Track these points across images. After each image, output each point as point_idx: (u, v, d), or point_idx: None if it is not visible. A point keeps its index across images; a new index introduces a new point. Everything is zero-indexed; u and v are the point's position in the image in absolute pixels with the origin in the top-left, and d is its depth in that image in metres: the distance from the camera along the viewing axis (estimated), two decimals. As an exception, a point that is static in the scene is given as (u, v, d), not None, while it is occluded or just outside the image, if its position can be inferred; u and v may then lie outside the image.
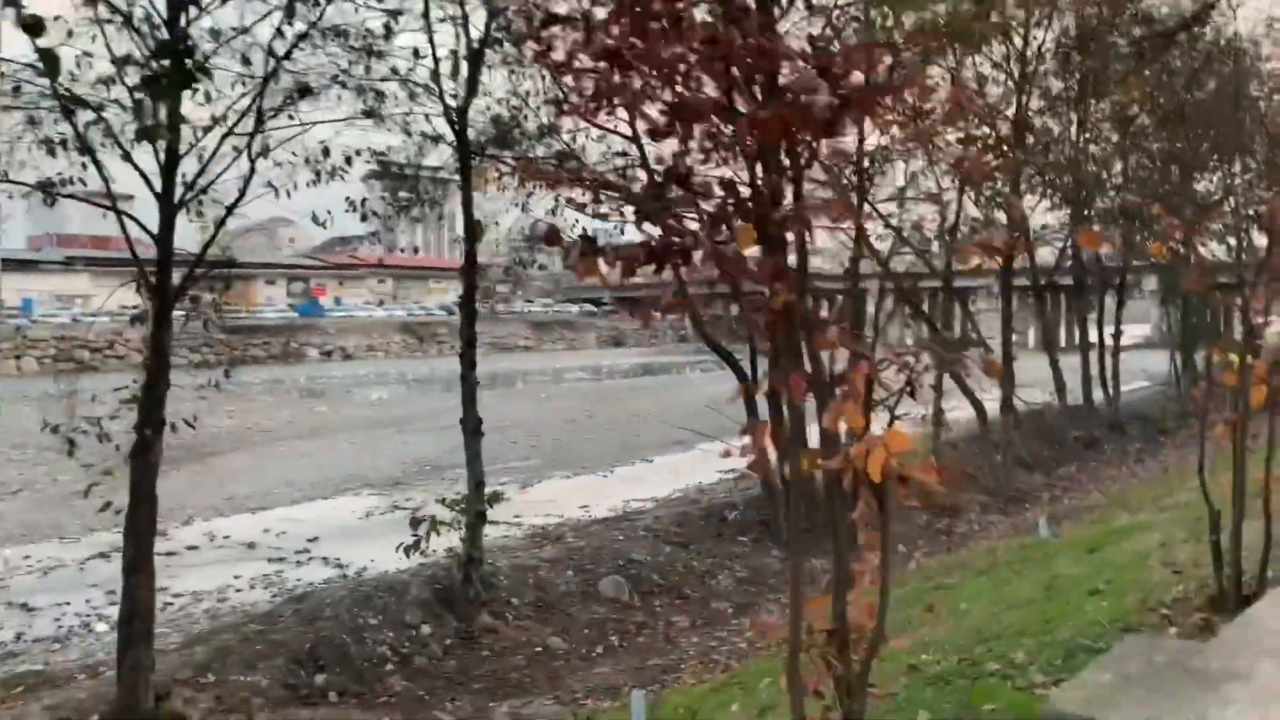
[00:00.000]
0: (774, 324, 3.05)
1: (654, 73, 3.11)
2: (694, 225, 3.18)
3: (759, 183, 2.96)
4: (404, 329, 76.51)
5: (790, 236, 2.91)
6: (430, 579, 11.53)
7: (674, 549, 13.91)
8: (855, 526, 3.21)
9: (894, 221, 20.46)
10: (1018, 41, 19.70)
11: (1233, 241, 24.15)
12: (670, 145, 3.19)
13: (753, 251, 3.26)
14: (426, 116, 11.40)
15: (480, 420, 11.71)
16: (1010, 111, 19.86)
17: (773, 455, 3.16)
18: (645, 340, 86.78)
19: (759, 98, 3.06)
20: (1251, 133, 21.50)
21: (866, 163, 16.67)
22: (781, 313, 2.92)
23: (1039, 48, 19.96)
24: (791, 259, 3.31)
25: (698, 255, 3.15)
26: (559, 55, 3.40)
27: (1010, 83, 19.86)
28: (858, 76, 2.80)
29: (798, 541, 3.63)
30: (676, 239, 3.07)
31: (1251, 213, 23.63)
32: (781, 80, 3.00)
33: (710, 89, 3.15)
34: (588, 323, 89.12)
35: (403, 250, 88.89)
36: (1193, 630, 5.81)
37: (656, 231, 3.20)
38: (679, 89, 3.08)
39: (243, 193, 8.62)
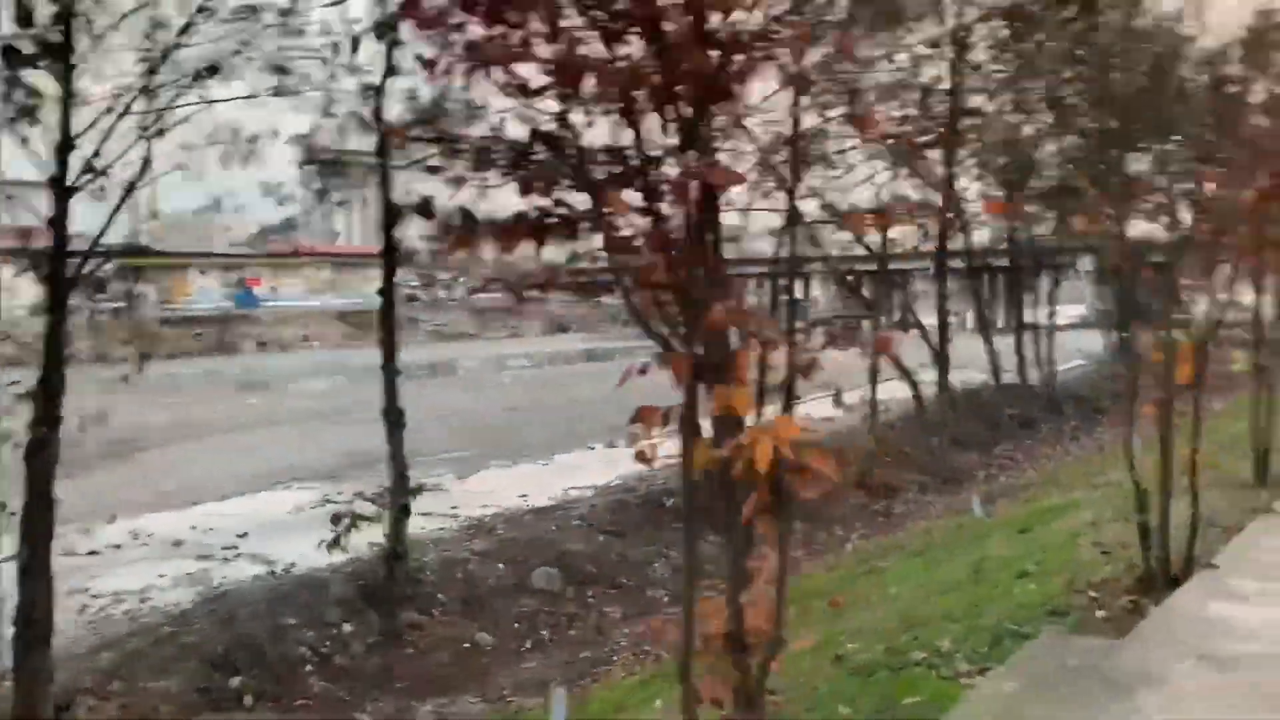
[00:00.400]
0: (658, 300, 2.80)
1: (530, 27, 2.83)
2: (580, 195, 2.92)
3: (643, 146, 2.69)
4: (342, 319, 75.16)
5: (688, 205, 2.64)
6: (354, 575, 11.17)
7: (609, 538, 13.67)
8: (751, 522, 2.96)
9: (831, 201, 20.33)
10: (950, 21, 19.65)
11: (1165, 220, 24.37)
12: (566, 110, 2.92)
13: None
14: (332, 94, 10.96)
15: (402, 411, 11.35)
16: (945, 90, 19.82)
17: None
18: (591, 326, 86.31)
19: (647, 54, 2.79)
20: (1181, 113, 21.67)
21: (800, 140, 16.46)
22: (669, 287, 2.66)
23: (972, 26, 19.95)
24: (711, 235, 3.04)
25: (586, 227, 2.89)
26: (429, 11, 3.10)
27: (945, 62, 19.82)
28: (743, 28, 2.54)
29: (692, 540, 3.36)
30: (561, 210, 2.80)
31: (1181, 190, 23.89)
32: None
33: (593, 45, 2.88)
34: (535, 310, 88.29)
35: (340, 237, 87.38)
36: (1120, 613, 5.70)
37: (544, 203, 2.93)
38: (557, 44, 2.81)
39: (140, 176, 8.15)
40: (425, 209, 3.32)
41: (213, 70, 9.55)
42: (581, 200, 2.70)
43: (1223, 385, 20.15)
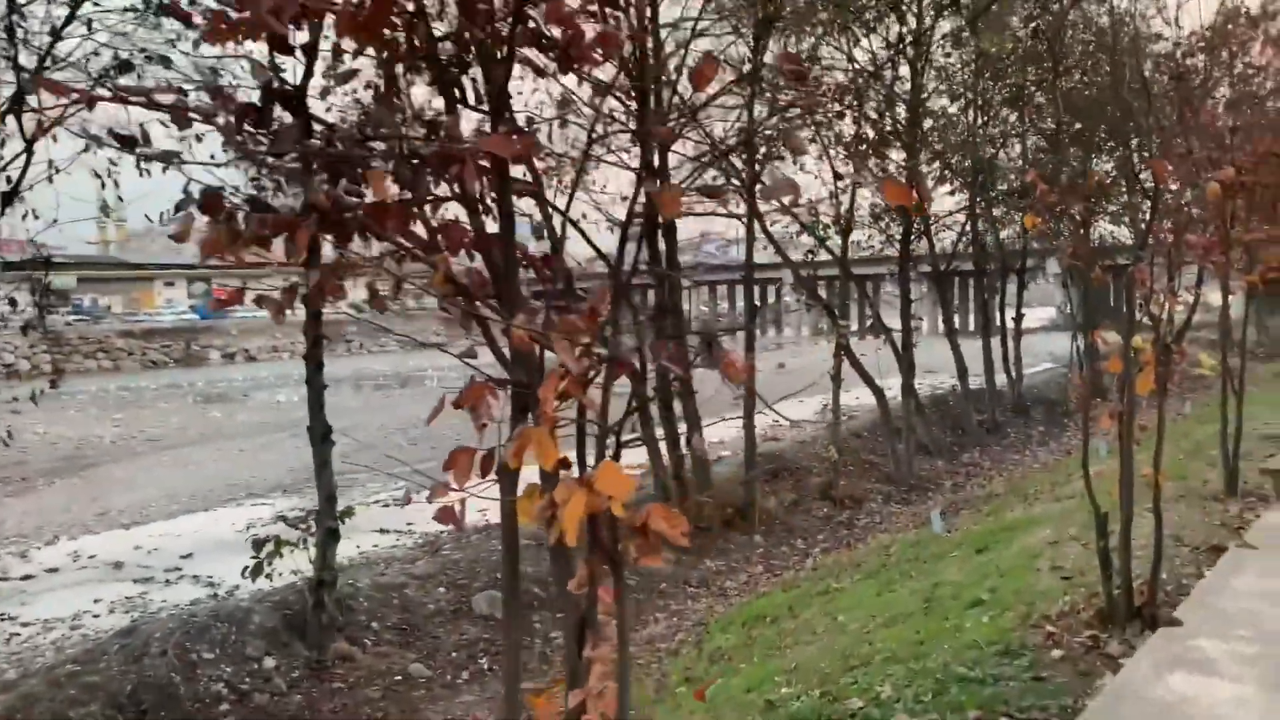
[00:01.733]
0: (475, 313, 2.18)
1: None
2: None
3: (406, 110, 2.07)
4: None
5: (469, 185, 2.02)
6: (280, 604, 10.46)
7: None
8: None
9: (793, 208, 19.83)
10: (911, 21, 19.17)
11: (1129, 220, 24.06)
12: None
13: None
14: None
15: (329, 427, 10.65)
16: (906, 93, 19.33)
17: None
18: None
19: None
20: (1141, 108, 21.38)
21: (753, 135, 15.95)
22: (460, 295, 2.04)
23: (932, 25, 19.47)
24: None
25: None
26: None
27: (905, 63, 19.33)
28: None
29: (512, 623, 2.73)
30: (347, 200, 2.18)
31: (1142, 188, 23.56)
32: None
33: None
34: (537, 309, 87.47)
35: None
36: (1078, 651, 5.09)
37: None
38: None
39: (20, 177, 7.46)
40: (214, 202, 2.67)
41: (125, 67, 8.93)
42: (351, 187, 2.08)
43: (1190, 387, 19.83)
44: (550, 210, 4.28)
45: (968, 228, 23.94)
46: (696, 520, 14.61)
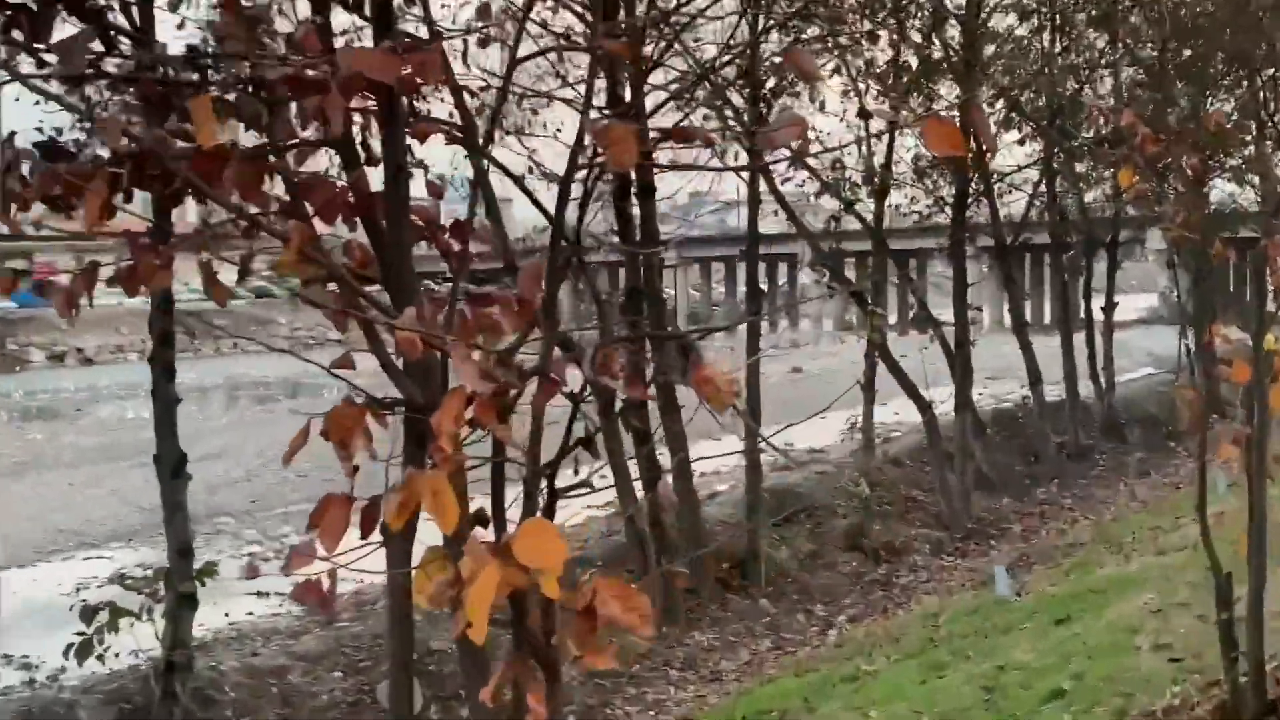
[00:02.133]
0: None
1: None
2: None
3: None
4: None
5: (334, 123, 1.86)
6: (116, 694, 10.28)
7: (495, 629, 12.83)
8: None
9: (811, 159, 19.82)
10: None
11: (1257, 178, 24.13)
12: None
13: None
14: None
15: (183, 456, 10.47)
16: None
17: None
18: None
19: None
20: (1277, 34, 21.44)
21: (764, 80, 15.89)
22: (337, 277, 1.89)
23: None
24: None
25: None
26: None
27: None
28: None
29: None
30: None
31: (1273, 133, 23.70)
32: None
33: None
34: (442, 299, 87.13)
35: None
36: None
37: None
38: None
39: None
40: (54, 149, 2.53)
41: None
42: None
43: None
44: (485, 164, 4.15)
45: (1042, 188, 23.99)
46: (682, 580, 14.51)
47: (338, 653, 12.04)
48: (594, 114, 3.34)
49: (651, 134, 3.26)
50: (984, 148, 15.28)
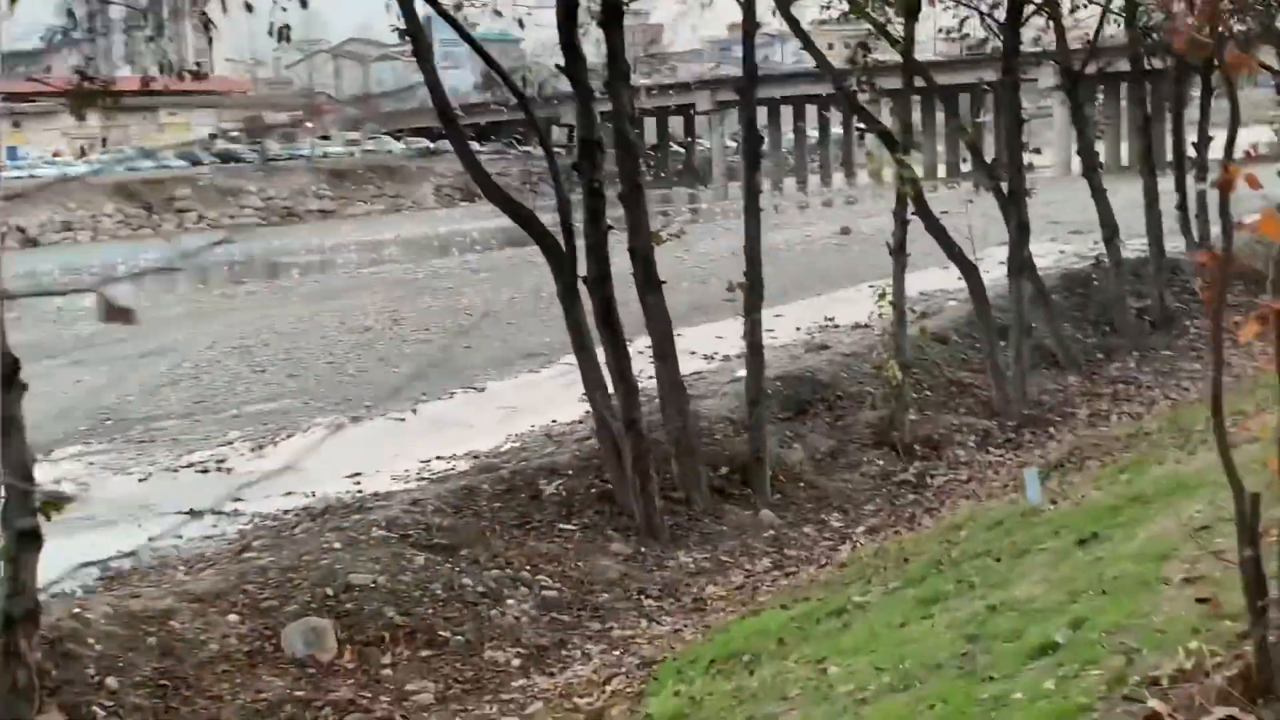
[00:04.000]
0: None
1: None
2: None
3: None
4: (121, 193, 73.58)
5: None
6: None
7: (433, 556, 12.34)
8: None
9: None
10: None
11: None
12: None
13: None
14: None
15: (15, 362, 9.76)
16: None
17: None
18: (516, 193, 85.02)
19: None
20: None
21: None
22: None
23: None
24: None
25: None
26: None
27: None
28: None
29: None
30: None
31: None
32: None
33: None
34: (423, 169, 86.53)
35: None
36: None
37: None
38: None
39: None
40: None
41: None
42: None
43: None
44: None
45: None
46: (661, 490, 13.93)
47: (238, 590, 11.51)
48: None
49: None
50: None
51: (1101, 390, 19.38)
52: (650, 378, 14.73)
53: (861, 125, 19.46)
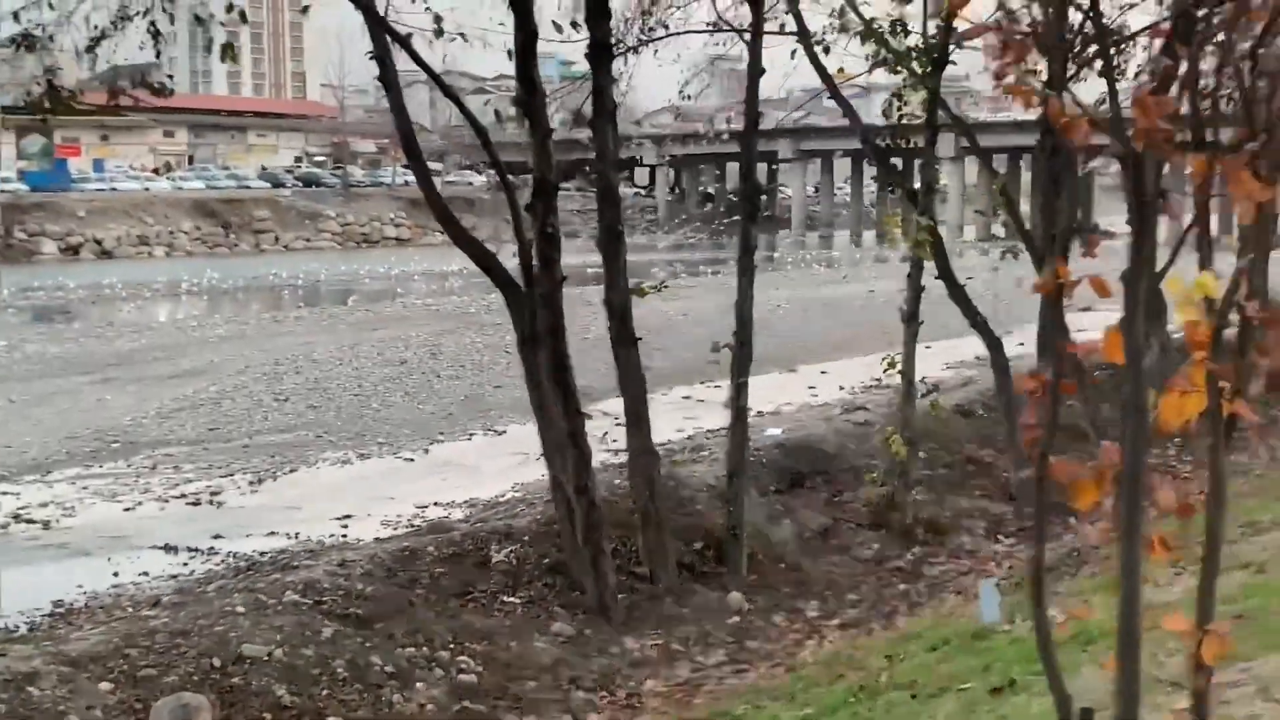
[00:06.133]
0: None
1: None
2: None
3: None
4: (200, 210, 74.21)
5: None
6: None
7: (344, 627, 11.27)
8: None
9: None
10: None
11: None
12: None
13: None
14: None
15: None
16: None
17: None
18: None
19: None
20: None
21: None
22: None
23: None
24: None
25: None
26: None
27: None
28: None
29: None
30: None
31: None
32: None
33: None
34: (500, 201, 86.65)
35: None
36: None
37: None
38: None
39: None
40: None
41: None
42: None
43: None
44: None
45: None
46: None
47: (119, 654, 10.52)
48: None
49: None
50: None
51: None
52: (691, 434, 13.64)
53: (890, 183, 18.37)
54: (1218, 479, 3.81)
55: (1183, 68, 3.65)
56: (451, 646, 11.59)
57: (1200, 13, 7.80)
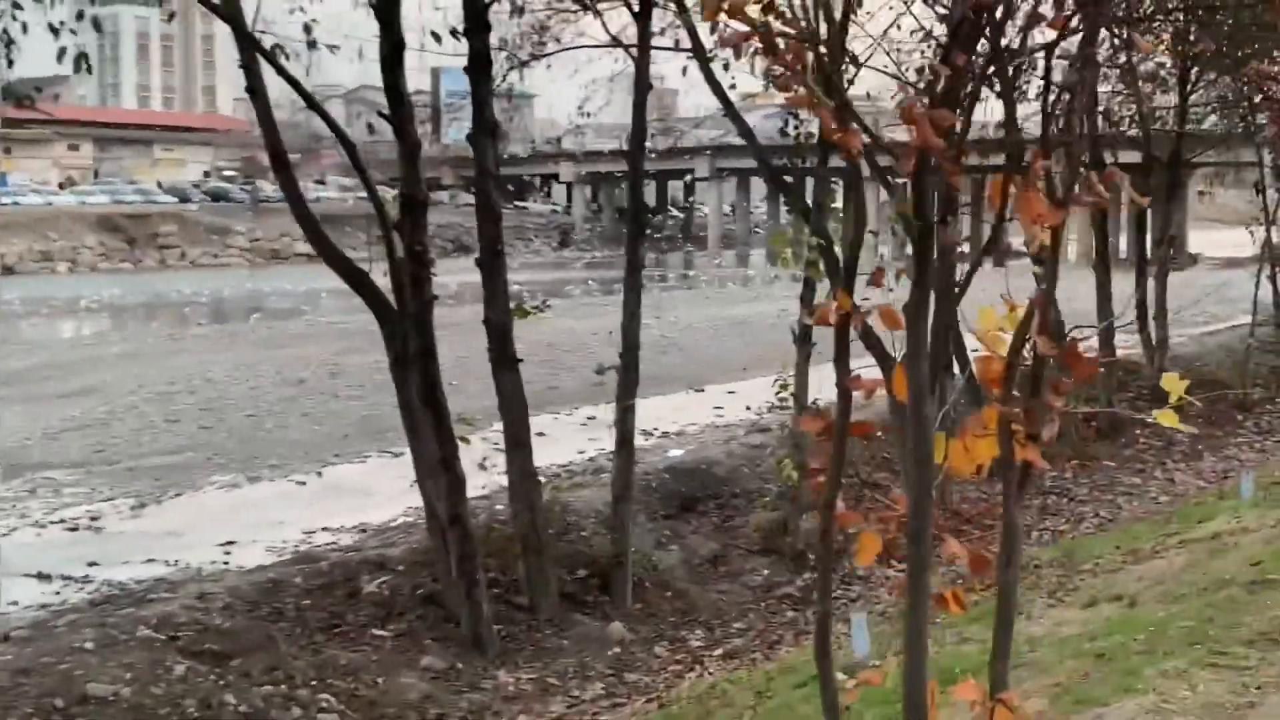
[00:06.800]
0: None
1: None
2: None
3: None
4: (105, 225, 73.06)
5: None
6: None
7: (198, 665, 10.80)
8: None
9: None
10: None
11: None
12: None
13: None
14: None
15: None
16: None
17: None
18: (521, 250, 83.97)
19: None
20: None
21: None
22: None
23: None
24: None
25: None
26: None
27: None
28: None
29: None
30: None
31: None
32: None
33: None
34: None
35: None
36: None
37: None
38: None
39: None
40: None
41: None
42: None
43: None
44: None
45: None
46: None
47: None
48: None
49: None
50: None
51: (1029, 501, 17.83)
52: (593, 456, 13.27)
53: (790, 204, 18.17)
54: (1011, 535, 3.49)
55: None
56: (313, 683, 11.11)
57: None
